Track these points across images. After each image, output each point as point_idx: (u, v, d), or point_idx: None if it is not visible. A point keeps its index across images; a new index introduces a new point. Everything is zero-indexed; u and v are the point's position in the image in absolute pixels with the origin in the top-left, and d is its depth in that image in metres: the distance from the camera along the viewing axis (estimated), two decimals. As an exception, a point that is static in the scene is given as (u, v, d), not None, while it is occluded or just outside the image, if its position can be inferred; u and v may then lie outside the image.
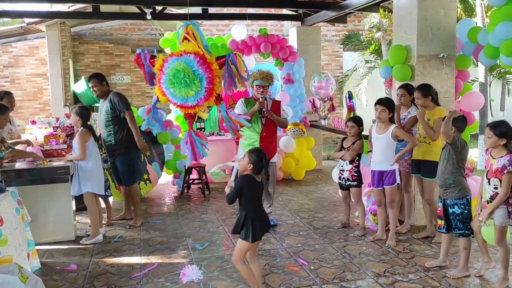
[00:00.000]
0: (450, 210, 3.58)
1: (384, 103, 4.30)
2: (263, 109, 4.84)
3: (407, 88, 4.58)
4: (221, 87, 4.43)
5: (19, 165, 4.51)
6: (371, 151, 4.51)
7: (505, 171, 3.14)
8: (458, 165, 3.54)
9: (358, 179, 4.71)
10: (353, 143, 4.70)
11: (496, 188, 3.23)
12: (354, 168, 4.69)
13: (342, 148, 4.81)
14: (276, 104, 5.06)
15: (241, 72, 4.42)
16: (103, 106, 5.02)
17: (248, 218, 3.13)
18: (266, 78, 4.84)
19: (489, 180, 3.28)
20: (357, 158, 4.70)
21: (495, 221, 3.25)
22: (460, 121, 3.54)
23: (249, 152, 3.20)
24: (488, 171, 3.29)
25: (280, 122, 4.99)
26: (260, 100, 4.80)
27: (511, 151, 3.20)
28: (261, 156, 3.15)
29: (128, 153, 5.05)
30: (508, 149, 3.20)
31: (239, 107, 4.93)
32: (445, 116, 3.55)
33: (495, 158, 3.22)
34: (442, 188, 3.63)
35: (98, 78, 5.06)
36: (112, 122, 4.97)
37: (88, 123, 4.71)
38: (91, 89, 5.09)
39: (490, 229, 3.31)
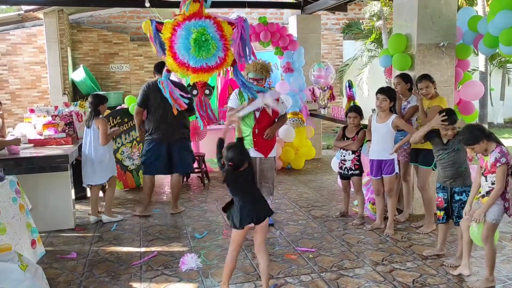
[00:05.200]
0: (457, 198, 3.59)
1: (385, 92, 4.30)
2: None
3: (402, 77, 4.58)
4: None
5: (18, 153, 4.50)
6: (369, 140, 4.51)
7: (498, 164, 3.08)
8: (466, 153, 3.62)
9: (360, 168, 4.74)
10: (357, 133, 4.70)
11: (493, 183, 3.15)
12: (356, 157, 4.71)
13: (344, 137, 4.81)
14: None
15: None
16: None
17: (236, 205, 3.09)
18: (261, 71, 4.36)
19: (486, 177, 3.21)
20: (360, 147, 4.71)
21: (486, 217, 3.15)
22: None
23: (225, 148, 3.08)
24: (484, 169, 3.22)
25: (280, 126, 4.66)
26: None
27: (499, 143, 3.15)
28: (233, 154, 2.99)
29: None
30: (496, 142, 3.15)
31: (233, 100, 4.49)
32: (442, 109, 3.61)
33: (487, 155, 3.18)
34: (451, 178, 3.61)
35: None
36: None
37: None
38: None
39: (479, 228, 3.21)
